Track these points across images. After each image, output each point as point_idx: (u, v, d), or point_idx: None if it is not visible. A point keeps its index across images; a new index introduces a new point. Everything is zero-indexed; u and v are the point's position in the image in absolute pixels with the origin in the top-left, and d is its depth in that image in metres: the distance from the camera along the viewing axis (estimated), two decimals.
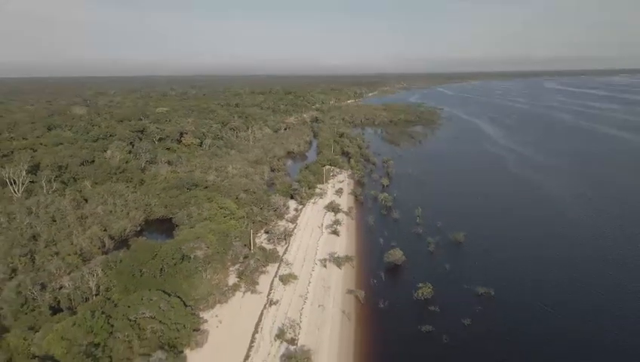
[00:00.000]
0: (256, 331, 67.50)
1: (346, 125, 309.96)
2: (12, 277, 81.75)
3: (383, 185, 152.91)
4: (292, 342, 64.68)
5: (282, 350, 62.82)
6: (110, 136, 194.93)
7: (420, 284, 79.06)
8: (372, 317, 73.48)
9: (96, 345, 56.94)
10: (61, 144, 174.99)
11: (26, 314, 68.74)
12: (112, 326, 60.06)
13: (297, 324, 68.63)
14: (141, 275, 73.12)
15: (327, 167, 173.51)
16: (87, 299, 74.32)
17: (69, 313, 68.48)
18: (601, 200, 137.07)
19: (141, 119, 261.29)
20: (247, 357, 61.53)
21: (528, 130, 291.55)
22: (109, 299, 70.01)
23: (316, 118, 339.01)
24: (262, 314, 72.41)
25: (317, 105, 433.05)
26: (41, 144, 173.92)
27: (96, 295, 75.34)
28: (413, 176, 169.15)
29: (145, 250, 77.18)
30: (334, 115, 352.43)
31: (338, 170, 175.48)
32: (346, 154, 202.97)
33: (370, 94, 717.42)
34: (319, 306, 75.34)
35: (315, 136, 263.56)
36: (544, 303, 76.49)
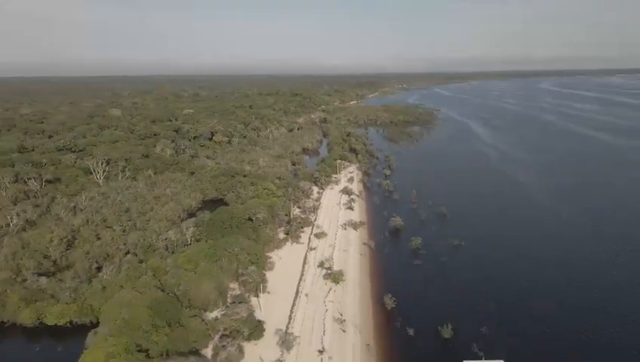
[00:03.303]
0: (304, 263, 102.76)
1: (350, 125, 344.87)
2: (127, 235, 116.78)
3: (386, 175, 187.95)
4: (329, 268, 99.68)
5: (323, 272, 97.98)
6: (154, 135, 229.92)
7: (413, 238, 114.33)
8: (380, 256, 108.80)
9: (210, 264, 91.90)
10: (117, 142, 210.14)
11: (151, 252, 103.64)
12: (217, 255, 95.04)
13: (331, 259, 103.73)
14: (224, 228, 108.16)
15: (339, 161, 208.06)
16: (185, 246, 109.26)
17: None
18: (556, 183, 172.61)
19: (171, 120, 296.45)
20: (302, 274, 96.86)
21: (514, 131, 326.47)
22: (206, 242, 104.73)
23: (324, 118, 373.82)
24: (306, 254, 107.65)
25: (323, 107, 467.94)
26: (101, 142, 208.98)
27: (190, 243, 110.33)
28: (410, 169, 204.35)
29: (224, 212, 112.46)
30: (340, 116, 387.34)
31: (348, 163, 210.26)
32: (353, 150, 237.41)
33: (371, 95, 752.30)
34: (344, 251, 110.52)
35: (325, 135, 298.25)
36: (497, 248, 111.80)
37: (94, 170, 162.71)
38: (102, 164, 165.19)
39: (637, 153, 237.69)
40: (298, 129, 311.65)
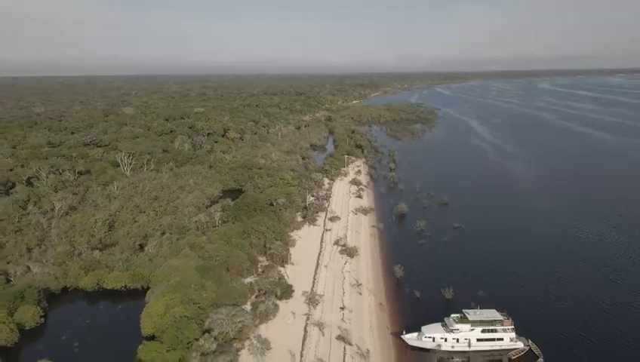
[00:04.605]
0: (322, 241, 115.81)
1: (355, 123, 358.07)
2: (160, 218, 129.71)
3: (390, 168, 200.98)
4: (344, 245, 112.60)
5: (339, 248, 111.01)
6: (171, 131, 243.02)
7: (418, 221, 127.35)
8: (389, 236, 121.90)
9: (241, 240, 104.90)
10: (137, 137, 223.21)
11: (185, 232, 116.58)
12: (246, 232, 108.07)
13: (345, 238, 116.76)
14: (249, 211, 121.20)
15: (346, 156, 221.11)
16: (213, 227, 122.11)
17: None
18: (539, 172, 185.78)
19: (183, 118, 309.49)
20: (320, 250, 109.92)
21: (512, 129, 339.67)
22: (233, 223, 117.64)
23: (329, 117, 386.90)
24: (323, 234, 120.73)
25: (327, 105, 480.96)
26: (122, 137, 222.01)
27: (218, 225, 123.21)
28: (413, 162, 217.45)
29: (248, 197, 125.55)
30: (344, 115, 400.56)
31: (354, 158, 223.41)
32: (359, 146, 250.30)
33: (373, 95, 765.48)
34: (356, 232, 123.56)
35: (331, 132, 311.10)
36: (493, 230, 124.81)
37: (121, 163, 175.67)
38: (128, 157, 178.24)
39: (629, 150, 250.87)
40: (305, 126, 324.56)
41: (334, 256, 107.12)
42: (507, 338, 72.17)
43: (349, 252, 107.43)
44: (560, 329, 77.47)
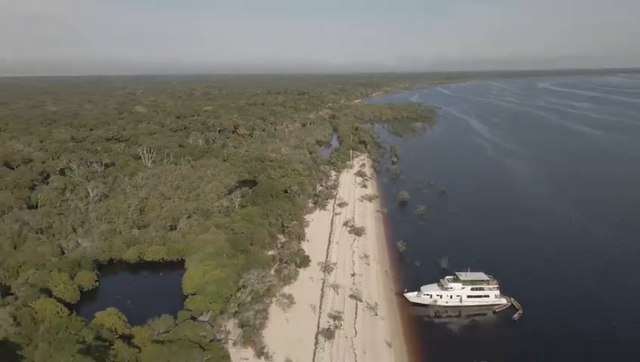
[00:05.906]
0: (332, 223, 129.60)
1: (357, 121, 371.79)
2: (185, 204, 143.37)
3: (392, 162, 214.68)
4: (352, 226, 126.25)
5: (348, 229, 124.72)
6: (185, 128, 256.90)
7: (418, 206, 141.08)
8: (392, 219, 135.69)
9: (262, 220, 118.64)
10: (154, 133, 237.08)
11: (210, 215, 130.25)
12: (265, 214, 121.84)
13: (353, 220, 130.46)
14: (266, 196, 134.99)
15: (351, 150, 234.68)
16: (233, 211, 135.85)
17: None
18: (535, 164, 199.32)
19: (194, 115, 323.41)
20: (331, 230, 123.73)
21: (510, 127, 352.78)
22: (252, 208, 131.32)
23: (333, 115, 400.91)
24: (333, 218, 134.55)
25: (330, 104, 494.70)
26: (140, 133, 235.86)
27: (238, 210, 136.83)
28: (414, 157, 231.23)
29: (265, 185, 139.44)
30: (347, 113, 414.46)
31: (358, 153, 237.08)
32: (362, 142, 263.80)
33: (375, 94, 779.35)
34: (362, 216, 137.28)
35: (335, 130, 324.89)
36: (486, 215, 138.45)
37: (143, 156, 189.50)
38: (149, 151, 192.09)
39: (629, 149, 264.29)
40: (310, 124, 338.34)
41: (344, 235, 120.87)
42: (492, 296, 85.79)
43: (357, 231, 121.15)
44: (537, 289, 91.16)
